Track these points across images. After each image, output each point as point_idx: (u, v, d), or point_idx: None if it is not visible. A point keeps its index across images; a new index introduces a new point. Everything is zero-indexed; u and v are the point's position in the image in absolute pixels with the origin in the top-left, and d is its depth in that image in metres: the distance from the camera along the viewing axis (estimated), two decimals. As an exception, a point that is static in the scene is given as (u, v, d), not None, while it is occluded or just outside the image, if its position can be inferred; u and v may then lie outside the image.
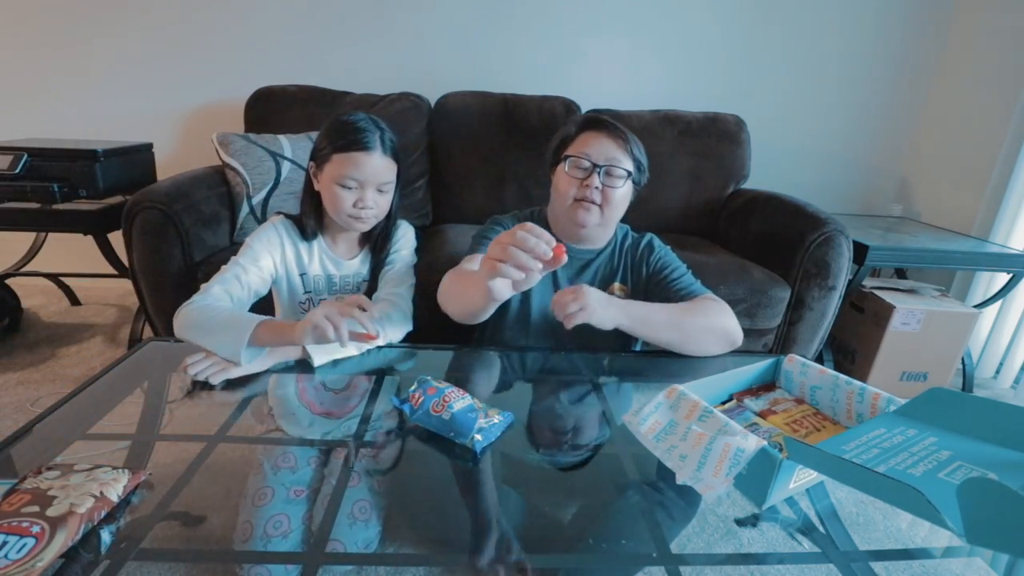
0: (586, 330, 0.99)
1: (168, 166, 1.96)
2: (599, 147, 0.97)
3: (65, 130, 2.08)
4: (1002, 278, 1.92)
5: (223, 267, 0.97)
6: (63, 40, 2.02)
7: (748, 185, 2.04)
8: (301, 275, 1.06)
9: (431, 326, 1.04)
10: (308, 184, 1.02)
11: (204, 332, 0.83)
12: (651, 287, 1.04)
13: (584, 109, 1.98)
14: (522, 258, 0.62)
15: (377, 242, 1.09)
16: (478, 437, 0.66)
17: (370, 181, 0.96)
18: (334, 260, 1.07)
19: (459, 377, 0.86)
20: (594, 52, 2.15)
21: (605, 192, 0.97)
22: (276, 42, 2.07)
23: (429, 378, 0.75)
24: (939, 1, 2.13)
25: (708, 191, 1.99)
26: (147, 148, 1.95)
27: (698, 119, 1.99)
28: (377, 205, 0.99)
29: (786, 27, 2.15)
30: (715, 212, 2.00)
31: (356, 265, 1.09)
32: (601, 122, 0.99)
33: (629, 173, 0.97)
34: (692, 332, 0.91)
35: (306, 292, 1.07)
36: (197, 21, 2.03)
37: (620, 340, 1.02)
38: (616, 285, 1.05)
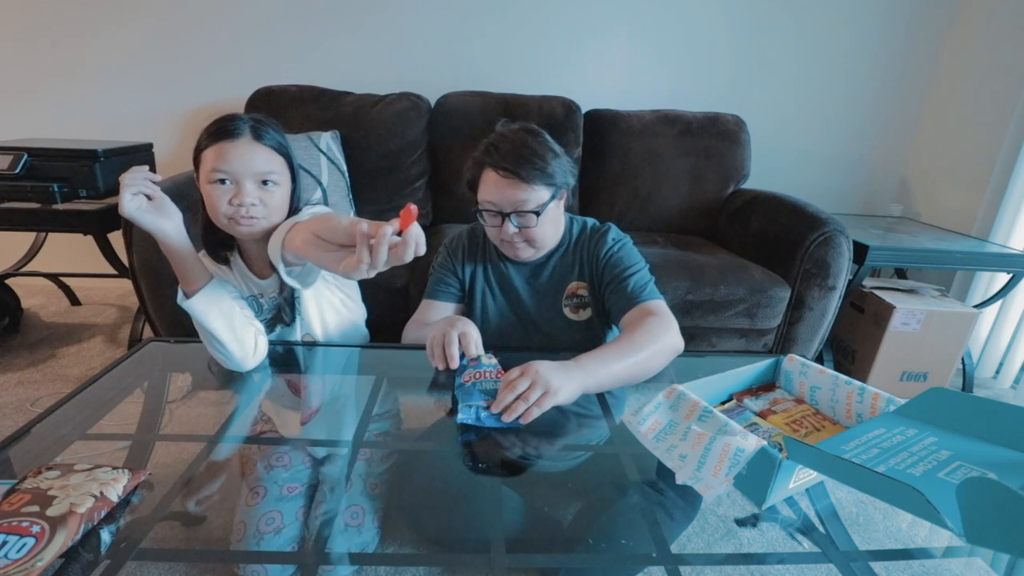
0: (551, 331, 1.02)
1: (168, 166, 1.97)
2: (500, 192, 0.91)
3: (65, 130, 2.08)
4: (1002, 278, 1.91)
5: None
6: (63, 40, 2.02)
7: (748, 185, 2.03)
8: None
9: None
10: (201, 205, 0.89)
11: None
12: (602, 282, 0.99)
13: (584, 109, 1.98)
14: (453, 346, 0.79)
15: None
16: (466, 410, 0.68)
17: (243, 172, 0.82)
18: (256, 282, 0.95)
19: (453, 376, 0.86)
20: (594, 52, 2.15)
21: (523, 232, 0.94)
22: (276, 42, 2.07)
23: (491, 358, 0.78)
24: (940, 1, 2.13)
25: (708, 191, 1.98)
26: (147, 148, 1.95)
27: (698, 119, 1.99)
28: (263, 202, 0.84)
29: (786, 27, 2.15)
30: (715, 212, 2.00)
31: (275, 284, 0.96)
32: (494, 164, 0.92)
33: (538, 212, 0.91)
34: (646, 364, 0.84)
35: None
36: (197, 21, 2.03)
37: (588, 340, 1.02)
38: (574, 284, 1.02)
